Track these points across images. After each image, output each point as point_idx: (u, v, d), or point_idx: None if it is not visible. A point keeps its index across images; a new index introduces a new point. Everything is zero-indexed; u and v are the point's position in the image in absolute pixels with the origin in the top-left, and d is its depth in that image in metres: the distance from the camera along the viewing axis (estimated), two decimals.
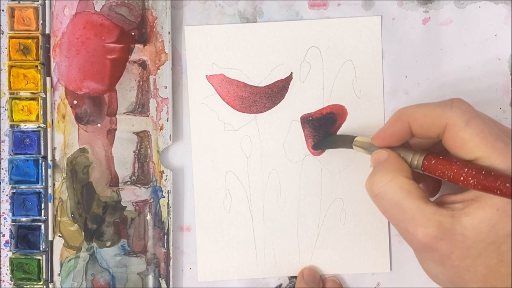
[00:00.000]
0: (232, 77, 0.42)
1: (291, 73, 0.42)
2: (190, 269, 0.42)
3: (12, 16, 0.40)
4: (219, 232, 0.42)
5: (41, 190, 0.41)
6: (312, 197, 0.42)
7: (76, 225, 0.41)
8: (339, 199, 0.42)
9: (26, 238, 0.41)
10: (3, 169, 0.41)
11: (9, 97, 0.41)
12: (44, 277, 0.41)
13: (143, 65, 0.41)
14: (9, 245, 0.41)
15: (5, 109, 0.41)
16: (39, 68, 0.40)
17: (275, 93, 0.42)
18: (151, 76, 0.41)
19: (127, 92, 0.41)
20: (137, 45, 0.41)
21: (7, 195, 0.41)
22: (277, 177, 0.42)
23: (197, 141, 0.42)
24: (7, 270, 0.41)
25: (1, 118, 0.41)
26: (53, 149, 0.41)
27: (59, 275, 0.41)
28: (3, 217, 0.41)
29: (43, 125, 0.41)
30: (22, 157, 0.41)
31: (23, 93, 0.41)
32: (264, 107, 0.42)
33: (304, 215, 0.42)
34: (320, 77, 0.42)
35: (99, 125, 0.41)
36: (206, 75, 0.42)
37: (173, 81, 0.41)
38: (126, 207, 0.41)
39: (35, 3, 0.40)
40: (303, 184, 0.42)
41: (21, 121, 0.41)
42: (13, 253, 0.41)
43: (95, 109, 0.41)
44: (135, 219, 0.41)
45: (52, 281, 0.41)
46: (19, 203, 0.41)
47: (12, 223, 0.41)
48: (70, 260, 0.41)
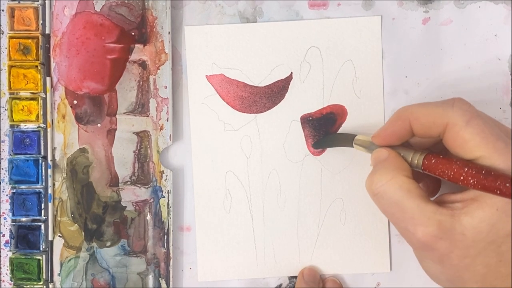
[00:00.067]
0: (232, 77, 0.42)
1: (291, 73, 0.42)
2: (190, 269, 0.42)
3: (12, 16, 0.40)
4: (219, 232, 0.42)
5: (41, 190, 0.41)
6: (312, 197, 0.42)
7: (76, 225, 0.41)
8: (339, 199, 0.42)
9: (26, 238, 0.41)
10: (3, 169, 0.41)
11: (9, 97, 0.41)
12: (44, 277, 0.41)
13: (143, 65, 0.41)
14: (9, 245, 0.41)
15: (5, 109, 0.41)
16: (39, 68, 0.40)
17: (275, 93, 0.42)
18: (151, 76, 0.41)
19: (127, 92, 0.41)
20: (137, 45, 0.41)
21: (7, 195, 0.41)
22: (277, 177, 0.42)
23: (197, 141, 0.42)
24: (7, 270, 0.41)
25: (1, 118, 0.41)
26: (53, 149, 0.41)
27: (59, 275, 0.41)
28: (3, 217, 0.41)
29: (43, 125, 0.41)
30: (22, 157, 0.41)
31: (23, 93, 0.41)
32: (264, 107, 0.42)
33: (304, 215, 0.42)
34: (320, 77, 0.42)
35: (99, 125, 0.41)
36: (206, 75, 0.42)
37: (173, 81, 0.41)
38: (126, 207, 0.41)
39: (35, 3, 0.40)
40: (303, 184, 0.42)
41: (21, 121, 0.41)
42: (13, 253, 0.41)
43: (95, 109, 0.41)
44: (135, 219, 0.41)
45: (52, 281, 0.41)
46: (19, 203, 0.41)
47: (12, 223, 0.41)
48: (70, 260, 0.41)
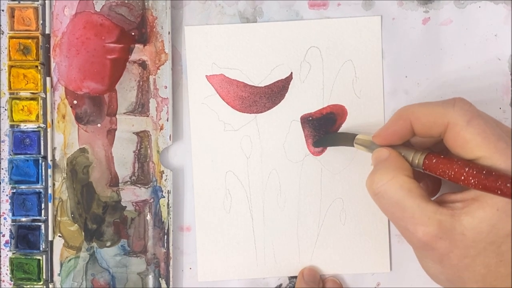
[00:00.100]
0: (232, 77, 0.42)
1: (291, 73, 0.42)
2: (190, 269, 0.42)
3: (12, 16, 0.40)
4: (219, 232, 0.42)
5: (41, 190, 0.41)
6: (312, 197, 0.42)
7: (76, 225, 0.41)
8: (339, 199, 0.42)
9: (26, 238, 0.41)
10: (3, 169, 0.41)
11: (9, 97, 0.41)
12: (44, 277, 0.41)
13: (143, 65, 0.41)
14: (9, 245, 0.41)
15: (5, 109, 0.41)
16: (39, 68, 0.40)
17: (275, 93, 0.42)
18: (151, 76, 0.41)
19: (127, 92, 0.41)
20: (137, 45, 0.41)
21: (7, 195, 0.41)
22: (277, 177, 0.42)
23: (197, 141, 0.42)
24: (7, 270, 0.41)
25: (1, 118, 0.41)
26: (53, 149, 0.41)
27: (59, 275, 0.41)
28: (3, 217, 0.41)
29: (43, 125, 0.41)
30: (22, 157, 0.41)
31: (23, 93, 0.41)
32: (264, 107, 0.42)
33: (304, 215, 0.42)
34: (320, 77, 0.42)
35: (99, 125, 0.41)
36: (206, 75, 0.42)
37: (173, 81, 0.41)
38: (126, 207, 0.41)
39: (35, 3, 0.40)
40: (303, 184, 0.42)
41: (21, 121, 0.41)
42: (13, 253, 0.41)
43: (95, 109, 0.41)
44: (135, 219, 0.41)
45: (52, 281, 0.41)
46: (19, 203, 0.41)
47: (12, 223, 0.41)
48: (70, 260, 0.41)
